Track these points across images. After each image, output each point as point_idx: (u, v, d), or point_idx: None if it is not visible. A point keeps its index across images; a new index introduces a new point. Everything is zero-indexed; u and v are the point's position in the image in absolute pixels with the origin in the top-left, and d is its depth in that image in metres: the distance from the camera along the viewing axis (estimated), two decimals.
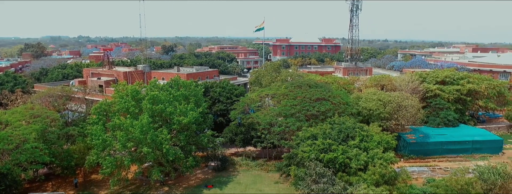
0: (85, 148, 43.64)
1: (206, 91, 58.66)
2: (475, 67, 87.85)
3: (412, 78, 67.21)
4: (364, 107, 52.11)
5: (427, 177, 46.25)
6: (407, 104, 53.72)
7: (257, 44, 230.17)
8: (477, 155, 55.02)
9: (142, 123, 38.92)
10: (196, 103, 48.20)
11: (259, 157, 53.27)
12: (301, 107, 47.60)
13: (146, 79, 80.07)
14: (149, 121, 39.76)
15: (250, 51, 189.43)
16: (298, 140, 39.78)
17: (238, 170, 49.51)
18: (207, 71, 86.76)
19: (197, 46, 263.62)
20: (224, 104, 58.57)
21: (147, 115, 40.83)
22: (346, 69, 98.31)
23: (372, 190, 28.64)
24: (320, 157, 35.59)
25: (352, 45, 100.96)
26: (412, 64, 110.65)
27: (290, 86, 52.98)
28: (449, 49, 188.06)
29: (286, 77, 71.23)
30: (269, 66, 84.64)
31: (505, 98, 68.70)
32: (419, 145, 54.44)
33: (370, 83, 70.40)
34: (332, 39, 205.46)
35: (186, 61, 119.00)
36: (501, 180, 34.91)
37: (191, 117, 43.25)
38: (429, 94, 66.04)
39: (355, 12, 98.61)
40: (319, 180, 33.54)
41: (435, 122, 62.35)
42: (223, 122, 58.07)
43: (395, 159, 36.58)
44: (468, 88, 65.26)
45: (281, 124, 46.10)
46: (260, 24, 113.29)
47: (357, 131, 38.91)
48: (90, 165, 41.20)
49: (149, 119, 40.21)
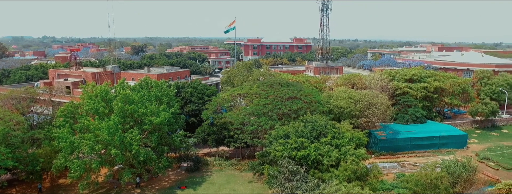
0: (52, 152, 42.12)
1: (177, 91, 57.91)
2: (441, 65, 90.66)
3: (382, 76, 68.66)
4: (335, 105, 52.78)
5: (397, 173, 47.37)
6: (377, 101, 54.80)
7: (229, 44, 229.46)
8: (444, 150, 56.78)
9: (109, 125, 37.94)
10: (168, 103, 47.53)
11: (232, 157, 53.06)
12: (273, 106, 47.69)
13: (115, 79, 78.25)
14: (116, 122, 38.78)
15: (222, 51, 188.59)
16: (271, 139, 39.82)
17: (211, 170, 49.13)
18: (178, 72, 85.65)
19: (167, 46, 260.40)
20: (196, 104, 58.02)
21: (117, 115, 39.82)
22: (317, 68, 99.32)
23: (344, 186, 28.99)
24: (293, 155, 35.73)
25: (323, 45, 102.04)
26: (381, 63, 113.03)
27: (262, 85, 53.00)
28: (416, 48, 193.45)
29: (258, 77, 71.21)
30: (241, 65, 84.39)
31: (469, 95, 71.25)
32: (389, 142, 55.66)
33: (341, 81, 71.44)
34: (303, 39, 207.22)
35: (156, 62, 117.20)
36: (466, 173, 36.12)
37: (163, 118, 42.58)
38: (398, 91, 67.66)
39: (326, 12, 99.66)
40: (292, 177, 33.69)
41: (404, 119, 63.94)
42: (196, 123, 57.52)
43: (366, 156, 37.17)
44: (434, 86, 67.26)
45: (254, 123, 46.04)
46: (231, 23, 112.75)
47: (329, 128, 39.30)
48: (58, 169, 39.78)
49: (118, 119, 39.22)
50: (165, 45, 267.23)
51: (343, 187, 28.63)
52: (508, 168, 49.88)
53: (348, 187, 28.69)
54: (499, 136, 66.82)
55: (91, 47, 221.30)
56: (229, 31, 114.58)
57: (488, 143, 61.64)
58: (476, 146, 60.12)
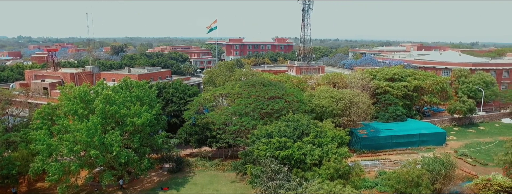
0: (29, 155, 40.93)
1: (159, 92, 57.26)
2: (420, 64, 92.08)
3: (363, 75, 69.34)
4: (317, 104, 53.01)
5: (379, 170, 47.90)
6: (358, 100, 55.28)
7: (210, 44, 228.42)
8: (424, 147, 57.73)
9: (88, 125, 37.16)
10: (150, 104, 46.91)
11: (215, 157, 52.74)
12: (255, 105, 47.60)
13: (95, 80, 76.85)
14: (96, 122, 38.00)
15: (203, 51, 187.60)
16: (254, 138, 39.73)
17: (194, 171, 48.73)
18: (160, 72, 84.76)
19: (148, 46, 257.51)
20: (178, 105, 57.48)
21: (98, 116, 39.03)
22: (299, 68, 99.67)
23: (326, 184, 29.10)
24: (276, 154, 35.71)
25: (305, 44, 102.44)
26: (362, 62, 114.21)
27: (244, 85, 52.85)
28: (396, 48, 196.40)
29: (240, 76, 71.00)
30: (223, 65, 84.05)
31: (447, 93, 72.64)
32: (371, 140, 56.25)
33: (323, 81, 71.85)
34: (285, 38, 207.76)
35: (137, 62, 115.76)
36: (445, 170, 36.75)
37: (145, 119, 41.99)
38: (379, 90, 68.46)
39: (307, 12, 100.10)
40: (275, 177, 33.69)
41: (385, 117, 64.75)
42: (177, 123, 56.99)
43: (348, 154, 37.44)
44: (414, 85, 68.34)
45: (236, 123, 45.85)
46: (212, 23, 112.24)
47: (311, 127, 39.44)
48: (35, 173, 38.67)
49: (99, 120, 38.44)
50: (146, 45, 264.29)
51: (325, 186, 28.73)
52: (484, 163, 51.05)
53: (330, 185, 28.81)
54: (476, 133, 68.37)
55: (70, 47, 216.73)
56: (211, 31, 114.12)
57: (466, 140, 62.98)
58: (455, 143, 61.35)
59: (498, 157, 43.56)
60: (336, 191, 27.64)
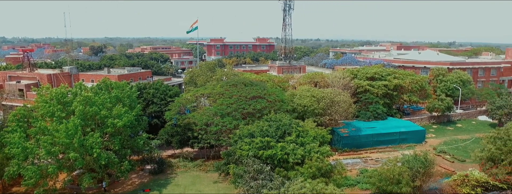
0: (3, 159, 39.70)
1: (139, 92, 56.52)
2: (400, 63, 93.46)
3: (344, 74, 69.93)
4: (298, 103, 53.18)
5: (361, 168, 48.36)
6: (340, 99, 55.71)
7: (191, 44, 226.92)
8: (404, 145, 58.60)
9: (68, 127, 36.31)
10: (130, 105, 46.17)
11: (197, 158, 52.33)
12: (237, 105, 47.43)
13: (73, 81, 75.28)
14: (76, 124, 37.16)
15: (184, 51, 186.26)
16: (236, 138, 39.58)
17: (176, 172, 48.25)
18: (140, 72, 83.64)
19: (128, 46, 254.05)
20: (159, 106, 56.86)
21: (77, 117, 38.16)
22: (281, 68, 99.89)
23: (309, 182, 29.18)
24: (259, 154, 35.65)
25: (286, 44, 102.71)
26: (343, 61, 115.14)
27: (225, 85, 52.62)
28: (377, 48, 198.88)
29: (221, 76, 70.71)
30: (204, 65, 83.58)
31: (426, 91, 73.93)
32: (352, 139, 56.75)
33: (304, 80, 72.15)
34: (266, 38, 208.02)
35: (117, 62, 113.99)
36: (424, 167, 37.36)
37: (126, 120, 41.31)
38: (360, 89, 69.15)
39: (288, 12, 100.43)
40: (257, 176, 33.63)
41: (365, 116, 65.44)
42: (158, 124, 56.38)
43: (330, 153, 37.63)
44: (394, 83, 69.29)
45: (218, 123, 45.59)
46: (193, 23, 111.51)
47: (293, 127, 39.50)
48: (11, 177, 37.51)
49: (79, 122, 37.56)
50: (125, 46, 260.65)
51: (307, 184, 28.80)
52: (462, 160, 52.16)
53: (312, 183, 28.91)
54: (454, 130, 69.81)
55: (46, 47, 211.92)
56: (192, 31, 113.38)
57: (444, 137, 64.23)
58: (434, 140, 62.47)
59: (475, 154, 44.63)
60: (318, 189, 27.74)
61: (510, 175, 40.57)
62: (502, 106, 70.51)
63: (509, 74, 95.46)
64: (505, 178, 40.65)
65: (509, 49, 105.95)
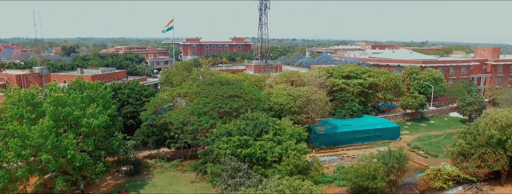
0: None
1: (114, 93, 55.46)
2: (375, 62, 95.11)
3: (320, 73, 70.61)
4: (275, 102, 53.35)
5: (337, 165, 48.93)
6: (316, 98, 56.19)
7: (167, 44, 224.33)
8: (379, 141, 59.66)
9: (43, 127, 35.19)
10: (104, 105, 45.17)
11: (174, 158, 51.77)
12: (213, 104, 47.18)
13: (44, 82, 73.24)
14: (48, 125, 36.08)
15: (160, 51, 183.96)
16: (213, 137, 39.36)
17: (153, 173, 47.59)
18: (115, 72, 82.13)
19: (102, 46, 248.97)
20: (134, 106, 55.98)
21: (49, 119, 37.03)
22: (257, 67, 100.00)
23: (286, 179, 29.32)
24: (237, 153, 35.56)
25: (262, 43, 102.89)
26: (319, 60, 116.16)
27: (202, 84, 52.27)
28: (352, 47, 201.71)
29: (197, 76, 70.23)
30: (180, 65, 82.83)
31: (400, 89, 75.51)
32: (328, 136, 57.33)
33: (280, 79, 72.44)
34: (242, 38, 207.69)
35: (90, 63, 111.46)
36: (399, 163, 38.16)
37: (102, 120, 40.37)
38: (335, 88, 69.97)
39: (264, 11, 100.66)
40: (235, 174, 33.53)
41: (341, 114, 66.25)
42: (134, 124, 55.51)
43: (307, 150, 37.89)
44: (369, 82, 70.45)
45: (194, 122, 45.21)
46: (169, 23, 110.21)
47: (270, 125, 39.58)
48: None
49: (50, 123, 36.49)
50: (99, 46, 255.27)
51: (284, 181, 28.93)
52: (435, 155, 53.56)
53: (289, 180, 29.06)
54: (427, 126, 71.56)
55: (15, 48, 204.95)
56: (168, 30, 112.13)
57: (418, 134, 65.75)
58: (408, 136, 63.86)
59: (447, 149, 46.04)
60: (295, 186, 27.89)
61: (479, 168, 42.04)
62: (472, 103, 72.78)
63: (478, 72, 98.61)
64: (475, 171, 42.14)
65: (478, 48, 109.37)
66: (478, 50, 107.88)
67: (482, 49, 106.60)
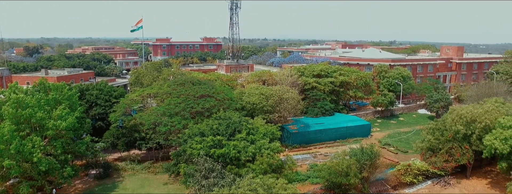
0: None
1: (81, 94, 53.78)
2: (345, 61, 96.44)
3: (291, 72, 70.90)
4: (247, 101, 53.12)
5: (311, 163, 49.19)
6: (288, 96, 56.32)
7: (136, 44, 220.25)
8: (351, 139, 60.45)
9: (3, 132, 33.49)
10: (71, 107, 43.54)
11: (145, 160, 50.59)
12: (185, 104, 46.48)
13: (5, 84, 70.12)
14: (12, 128, 34.39)
15: (129, 51, 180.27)
16: (185, 137, 38.70)
17: (123, 176, 46.35)
18: (82, 73, 79.70)
19: (68, 47, 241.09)
20: (103, 107, 54.44)
21: (8, 121, 35.28)
22: (229, 67, 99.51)
23: (260, 178, 29.15)
24: (211, 153, 35.10)
25: (233, 43, 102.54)
26: (290, 60, 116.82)
27: (173, 85, 51.43)
28: (322, 46, 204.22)
29: (168, 76, 69.09)
30: (150, 65, 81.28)
31: (370, 87, 76.89)
32: (301, 135, 57.60)
33: (252, 78, 72.31)
34: (213, 38, 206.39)
35: (56, 64, 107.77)
36: (370, 159, 38.75)
37: (70, 122, 38.84)
38: (307, 86, 70.44)
39: (235, 11, 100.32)
40: (209, 175, 33.10)
41: (313, 112, 66.75)
42: (103, 126, 53.99)
43: (281, 149, 37.86)
44: (340, 80, 71.34)
45: (167, 123, 44.35)
46: (138, 22, 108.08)
47: (243, 124, 39.32)
48: None
49: (11, 127, 34.78)
50: (64, 46, 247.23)
51: (258, 179, 28.79)
52: (405, 151, 54.77)
53: (263, 179, 28.94)
54: (397, 123, 73.17)
55: None
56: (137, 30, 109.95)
57: (388, 131, 67.10)
58: (379, 133, 65.05)
59: (416, 145, 47.23)
60: (268, 184, 27.77)
61: (447, 162, 43.36)
62: (439, 100, 74.98)
63: (443, 70, 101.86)
64: (443, 166, 43.45)
65: (443, 47, 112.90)
66: (443, 49, 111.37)
67: (447, 48, 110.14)
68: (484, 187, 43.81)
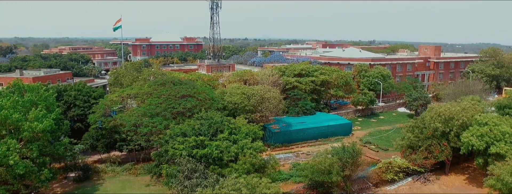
0: None
1: (59, 95, 52.55)
2: (326, 60, 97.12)
3: (272, 72, 71.01)
4: (229, 101, 52.90)
5: (293, 162, 49.32)
6: (270, 96, 56.34)
7: (115, 44, 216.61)
8: (333, 138, 60.95)
9: None
10: (48, 108, 42.44)
11: (126, 162, 49.83)
12: (166, 105, 45.94)
13: None
14: None
15: (108, 51, 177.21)
16: (167, 138, 38.23)
17: (104, 178, 45.54)
18: (59, 74, 78.02)
19: (44, 47, 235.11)
20: (82, 108, 53.43)
21: None
22: (210, 66, 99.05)
23: (243, 178, 29.02)
24: (193, 153, 34.78)
25: (214, 43, 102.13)
26: (271, 59, 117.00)
27: (153, 85, 50.76)
28: (303, 46, 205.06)
29: (148, 76, 68.21)
30: (130, 66, 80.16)
31: (351, 86, 77.68)
32: (283, 134, 57.73)
33: (234, 78, 72.12)
34: (193, 38, 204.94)
35: (31, 64, 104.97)
36: (352, 158, 39.11)
37: (47, 123, 37.82)
38: (288, 86, 70.66)
39: (216, 10, 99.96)
40: (192, 175, 32.77)
41: (295, 112, 67.03)
42: (82, 128, 52.98)
43: (263, 148, 37.78)
44: (321, 79, 71.83)
45: (148, 124, 43.72)
46: (116, 22, 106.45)
47: (225, 124, 39.11)
48: None
49: None
50: (40, 46, 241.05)
51: (242, 179, 28.66)
52: (385, 149, 55.56)
53: (247, 179, 28.83)
54: (377, 122, 74.15)
55: None
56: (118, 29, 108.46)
57: (369, 129, 67.93)
58: (360, 132, 65.78)
59: (396, 142, 47.96)
60: (253, 184, 27.67)
61: (426, 159, 44.21)
62: (418, 98, 76.33)
63: (422, 69, 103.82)
64: (423, 163, 44.27)
65: (421, 47, 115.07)
66: (421, 48, 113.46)
67: (425, 47, 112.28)
68: (462, 182, 44.80)
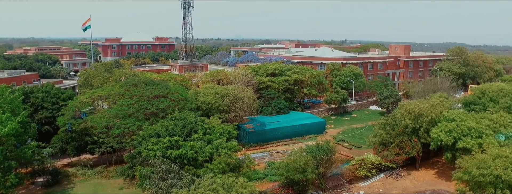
0: None
1: (25, 97, 50.68)
2: (299, 59, 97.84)
3: (246, 71, 71.00)
4: (203, 101, 52.51)
5: (268, 161, 49.42)
6: (243, 95, 56.27)
7: (84, 44, 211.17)
8: (307, 136, 61.43)
9: None
10: (13, 111, 40.87)
11: (98, 165, 48.62)
12: (139, 106, 45.10)
13: None
14: None
15: (76, 52, 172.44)
16: (140, 139, 37.51)
17: (74, 182, 44.23)
18: (24, 75, 75.46)
19: (7, 47, 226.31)
20: (50, 111, 51.71)
21: None
22: (182, 67, 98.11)
23: (219, 177, 28.82)
24: (168, 154, 34.28)
25: (187, 43, 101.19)
26: (244, 59, 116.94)
27: (125, 85, 49.73)
28: (276, 46, 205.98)
29: (119, 77, 66.84)
30: (100, 66, 78.38)
31: (324, 85, 78.61)
32: (258, 133, 57.78)
33: (207, 78, 71.65)
34: (165, 38, 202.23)
35: None
36: (326, 155, 39.58)
37: (11, 127, 36.36)
38: (262, 85, 70.80)
39: (188, 10, 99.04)
40: (166, 176, 32.30)
41: (268, 111, 67.22)
42: (51, 131, 51.28)
43: (238, 147, 37.67)
44: (294, 78, 72.31)
45: (120, 125, 42.77)
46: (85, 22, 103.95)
47: (199, 124, 38.77)
48: None
49: None
50: (3, 47, 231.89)
51: (218, 179, 28.46)
52: (358, 146, 56.48)
53: (223, 178, 28.66)
54: (350, 120, 75.30)
55: None
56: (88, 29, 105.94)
57: (342, 127, 68.88)
58: (333, 130, 66.61)
59: (369, 139, 48.89)
60: (229, 183, 27.51)
61: (398, 155, 45.20)
62: (389, 96, 78.03)
63: (392, 67, 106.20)
64: (394, 159, 45.27)
65: (391, 46, 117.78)
66: (392, 47, 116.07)
67: (395, 46, 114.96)
68: (432, 177, 46.08)
